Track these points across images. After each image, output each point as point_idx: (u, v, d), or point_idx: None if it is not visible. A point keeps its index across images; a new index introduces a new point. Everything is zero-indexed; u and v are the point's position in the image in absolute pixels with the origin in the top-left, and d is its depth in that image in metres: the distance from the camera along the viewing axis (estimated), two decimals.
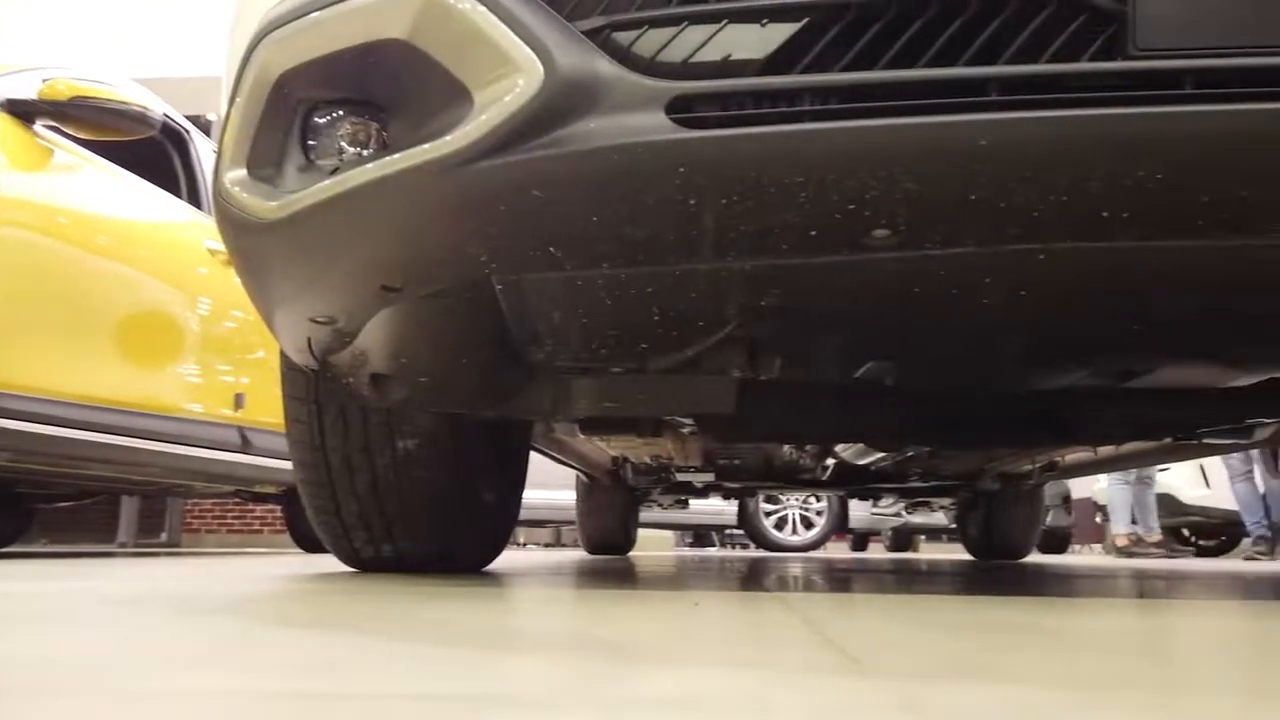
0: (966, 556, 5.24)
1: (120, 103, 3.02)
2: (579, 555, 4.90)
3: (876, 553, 11.04)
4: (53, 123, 2.96)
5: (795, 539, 9.00)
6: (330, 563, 2.45)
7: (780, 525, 9.07)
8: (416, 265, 1.16)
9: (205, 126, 4.77)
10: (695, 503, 7.25)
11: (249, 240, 1.24)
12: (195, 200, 3.84)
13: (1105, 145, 0.92)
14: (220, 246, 2.70)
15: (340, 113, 1.16)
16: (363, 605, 1.16)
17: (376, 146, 1.14)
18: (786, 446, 2.88)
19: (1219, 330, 1.34)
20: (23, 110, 2.89)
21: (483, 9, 1.01)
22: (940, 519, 9.94)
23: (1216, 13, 0.92)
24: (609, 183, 1.00)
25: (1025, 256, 1.06)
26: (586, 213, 1.03)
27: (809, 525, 9.13)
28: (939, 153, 0.94)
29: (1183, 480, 7.72)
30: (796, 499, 8.98)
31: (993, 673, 0.66)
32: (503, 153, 1.00)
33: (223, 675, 0.62)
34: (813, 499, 9.04)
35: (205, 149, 3.99)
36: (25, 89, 2.90)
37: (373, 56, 1.08)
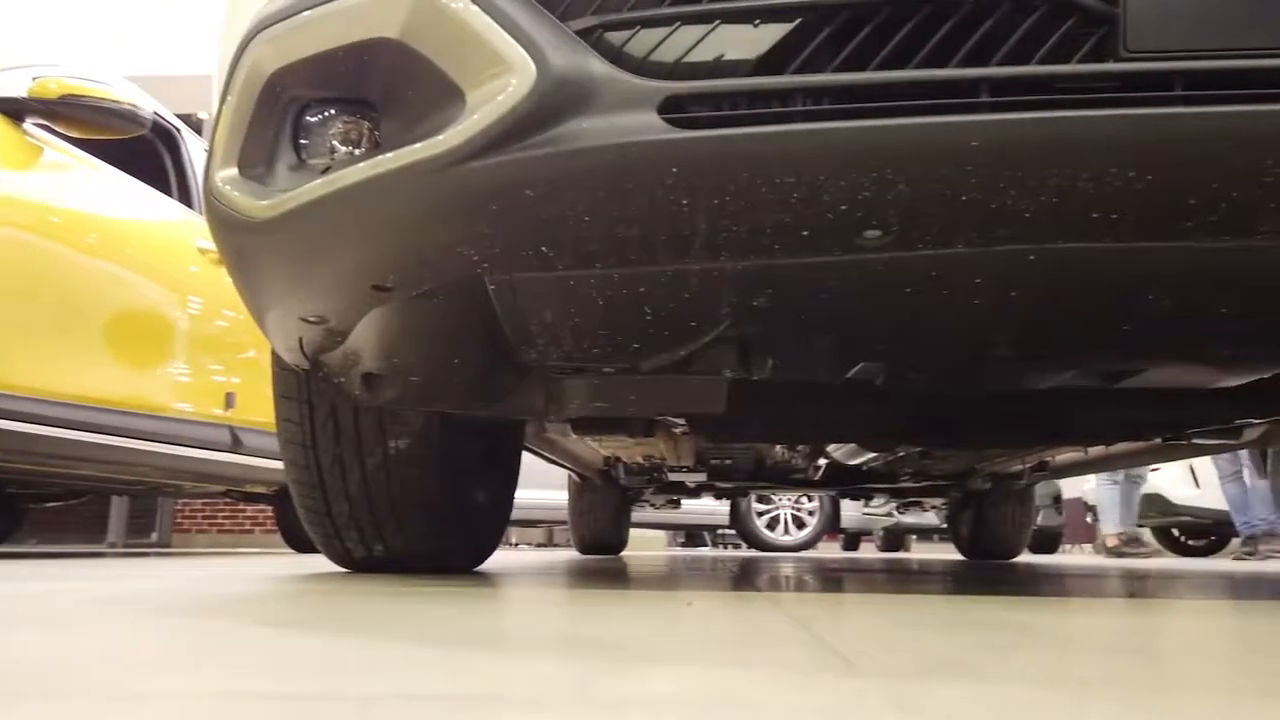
0: (958, 556, 5.25)
1: (110, 101, 3.00)
2: (571, 555, 4.90)
3: (868, 552, 11.06)
4: (42, 121, 2.95)
5: (787, 539, 9.01)
6: (321, 563, 2.44)
7: (772, 525, 9.08)
8: (408, 265, 1.16)
9: (196, 125, 4.75)
10: (687, 503, 7.25)
11: (240, 239, 1.24)
12: (186, 199, 3.83)
13: (1095, 146, 0.93)
14: (211, 245, 2.69)
15: (332, 111, 1.16)
16: (353, 605, 1.16)
17: (368, 146, 1.14)
18: (778, 446, 2.88)
19: (1207, 331, 1.34)
20: (12, 108, 2.87)
21: (475, 8, 1.01)
22: (932, 519, 9.97)
23: (1207, 15, 0.92)
24: (601, 182, 1.00)
25: (1015, 257, 1.06)
26: (579, 212, 1.03)
27: (801, 525, 9.15)
28: (930, 154, 0.94)
29: (1172, 480, 7.76)
30: (788, 499, 9.00)
31: (984, 672, 0.67)
32: (495, 152, 1.00)
33: (211, 676, 0.62)
34: (804, 499, 9.05)
35: (196, 147, 3.98)
36: (14, 87, 2.89)
37: (365, 55, 1.08)
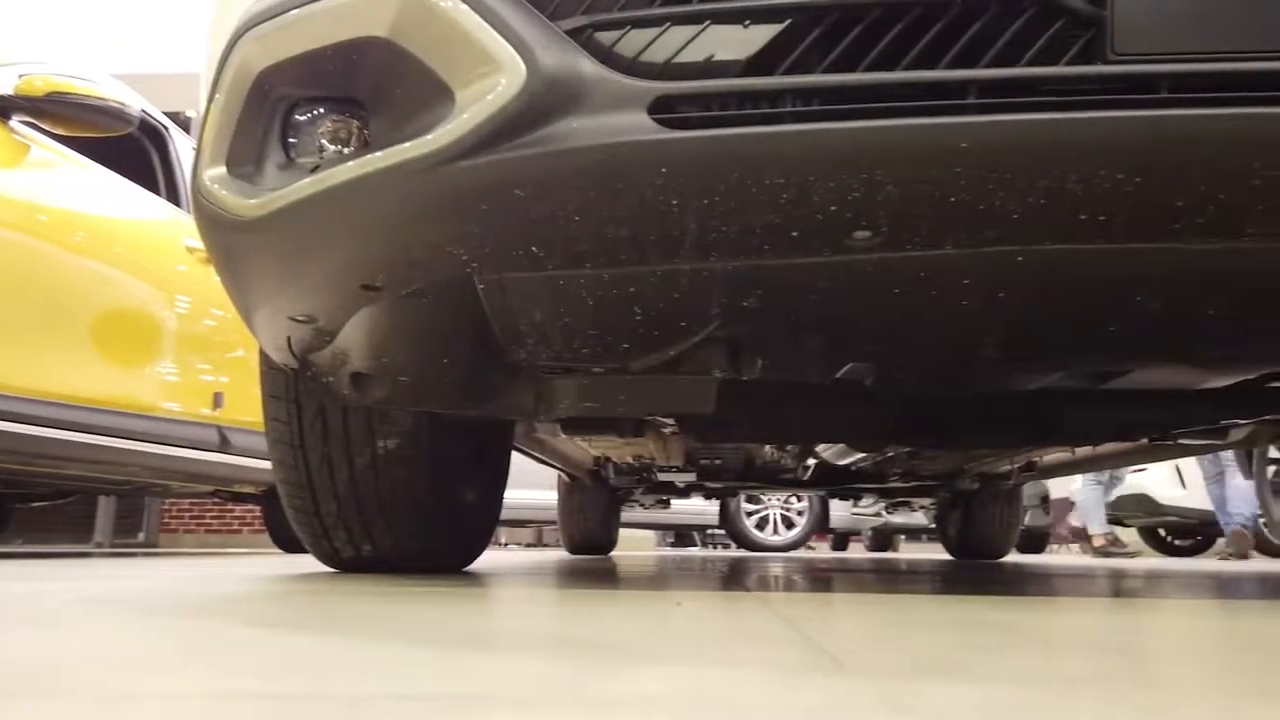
0: (946, 556, 5.27)
1: (98, 99, 2.99)
2: (560, 555, 4.90)
3: (857, 552, 11.08)
4: (29, 118, 2.93)
5: (776, 539, 9.02)
6: (309, 563, 2.44)
7: (761, 525, 9.09)
8: (397, 264, 1.16)
9: (185, 123, 4.73)
10: (677, 503, 7.25)
11: (228, 238, 1.23)
12: (174, 198, 3.81)
13: (1083, 148, 0.93)
14: (199, 244, 2.67)
15: (321, 110, 1.15)
16: (342, 605, 1.16)
17: (358, 145, 1.13)
18: (768, 447, 2.88)
19: (1195, 332, 1.35)
20: None
21: (464, 7, 1.01)
22: (920, 519, 10.00)
23: (1194, 18, 0.93)
24: (591, 182, 1.00)
25: (1004, 258, 1.07)
26: (569, 212, 1.03)
27: (790, 525, 9.16)
28: (919, 155, 0.94)
29: (1158, 481, 7.80)
30: (778, 499, 9.01)
31: (972, 671, 0.67)
32: (485, 152, 1.00)
33: (200, 676, 0.62)
34: (794, 499, 9.07)
35: (184, 146, 3.96)
36: (1, 84, 2.87)
37: (354, 54, 1.08)
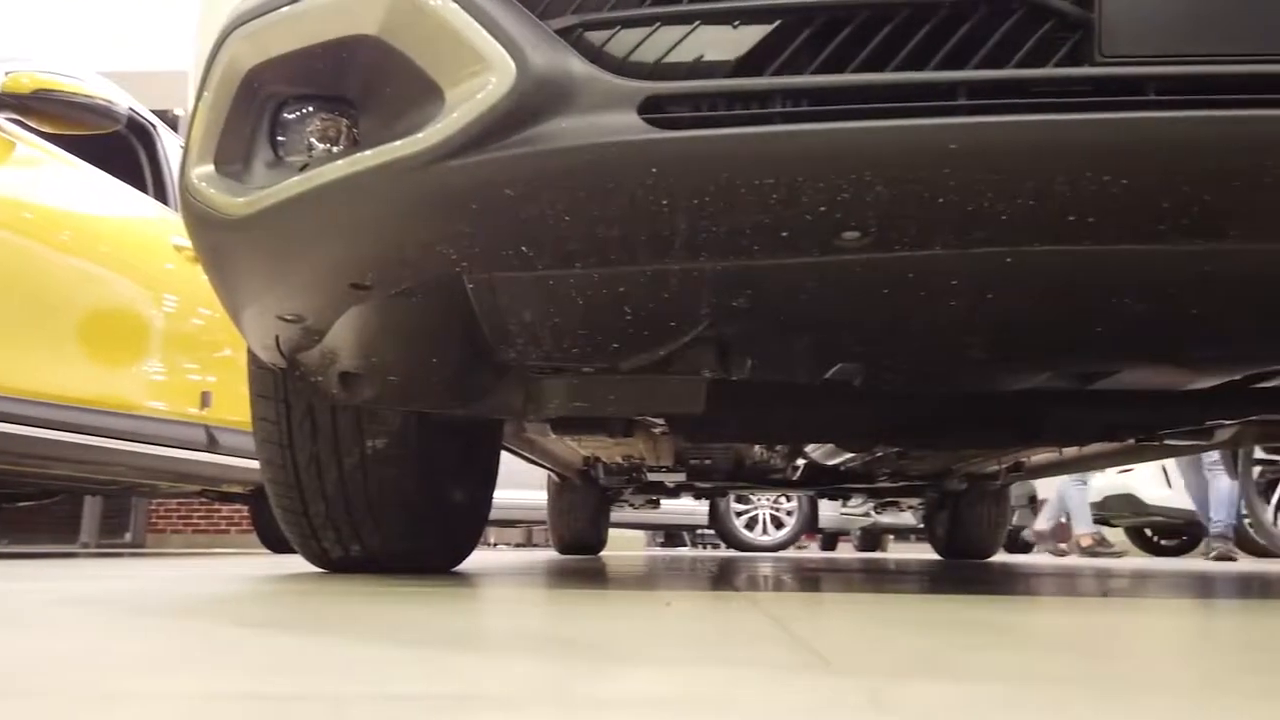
0: (934, 556, 5.28)
1: (85, 96, 2.97)
2: (550, 555, 4.89)
3: (846, 552, 11.11)
4: (15, 116, 2.91)
5: (766, 539, 9.04)
6: (298, 563, 2.43)
7: (751, 525, 9.10)
8: (386, 263, 1.15)
9: (172, 121, 4.71)
10: (666, 503, 7.26)
11: (216, 237, 1.23)
12: (161, 196, 3.79)
13: (1070, 150, 0.94)
14: (187, 243, 2.66)
15: (310, 108, 1.15)
16: (329, 606, 1.15)
17: (347, 143, 1.13)
18: (757, 447, 2.89)
19: (1180, 333, 1.36)
20: None
21: (454, 6, 1.01)
22: (908, 519, 10.03)
23: (1181, 21, 0.94)
24: (581, 182, 1.00)
25: (992, 259, 1.07)
26: (558, 212, 1.03)
27: (779, 525, 9.17)
28: (908, 156, 0.95)
29: (1144, 481, 7.84)
30: (767, 499, 9.02)
31: (960, 670, 0.67)
32: (474, 151, 1.00)
33: (186, 677, 0.61)
34: (783, 499, 9.08)
35: (172, 144, 3.94)
36: None
37: (343, 52, 1.07)
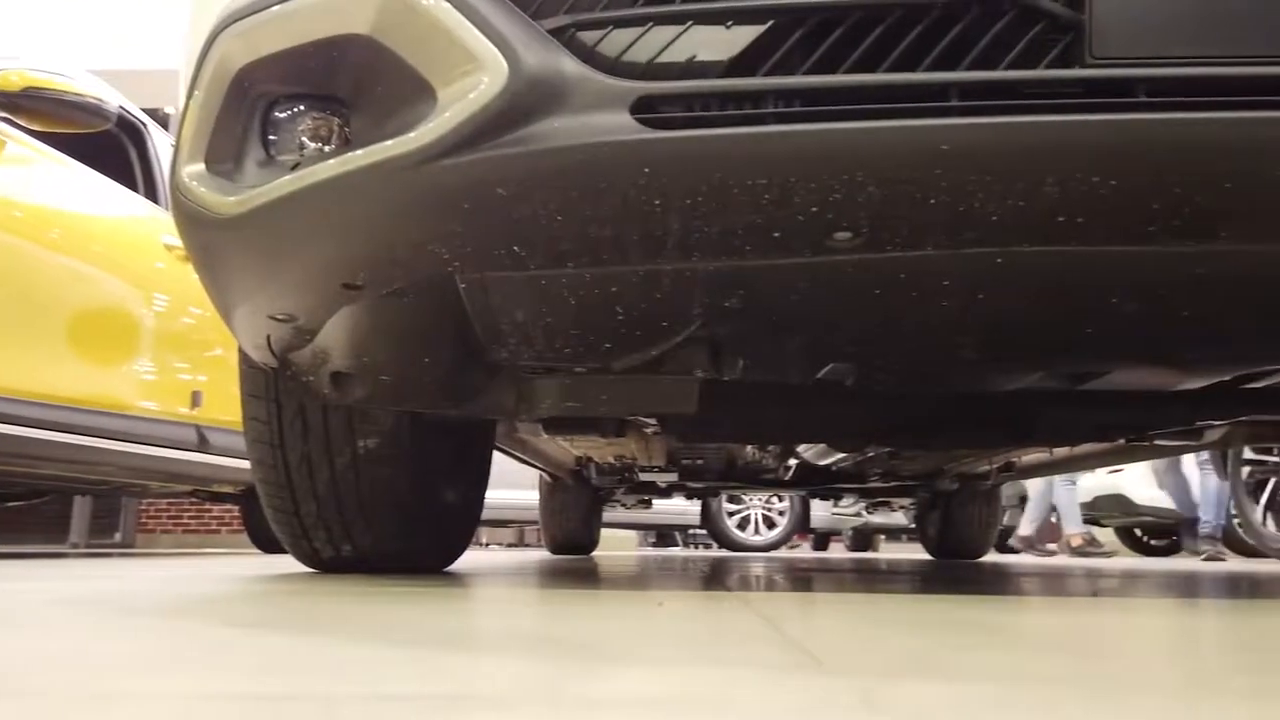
0: (925, 556, 5.29)
1: (75, 94, 2.95)
2: (542, 555, 4.89)
3: (837, 552, 11.13)
4: (4, 114, 2.89)
5: (758, 539, 9.05)
6: (289, 563, 2.42)
7: (743, 525, 9.11)
8: (378, 263, 1.15)
9: (163, 120, 4.69)
10: (658, 503, 7.25)
11: (207, 236, 1.22)
12: (152, 195, 3.77)
13: (1060, 151, 0.94)
14: (177, 242, 2.65)
15: (301, 107, 1.15)
16: (321, 606, 1.15)
17: (338, 142, 1.13)
18: (749, 447, 2.89)
19: (1170, 334, 1.36)
20: None
21: (447, 5, 1.01)
22: (900, 519, 10.04)
23: (1171, 23, 0.94)
24: (573, 182, 1.00)
25: (983, 260, 1.07)
26: (551, 212, 1.03)
27: (771, 525, 9.18)
28: (900, 156, 0.95)
29: (1134, 481, 7.87)
30: (759, 499, 9.03)
31: (951, 670, 0.67)
32: (467, 150, 0.99)
33: (178, 677, 0.61)
34: (775, 499, 9.09)
35: (162, 143, 3.92)
36: None
37: (335, 51, 1.07)
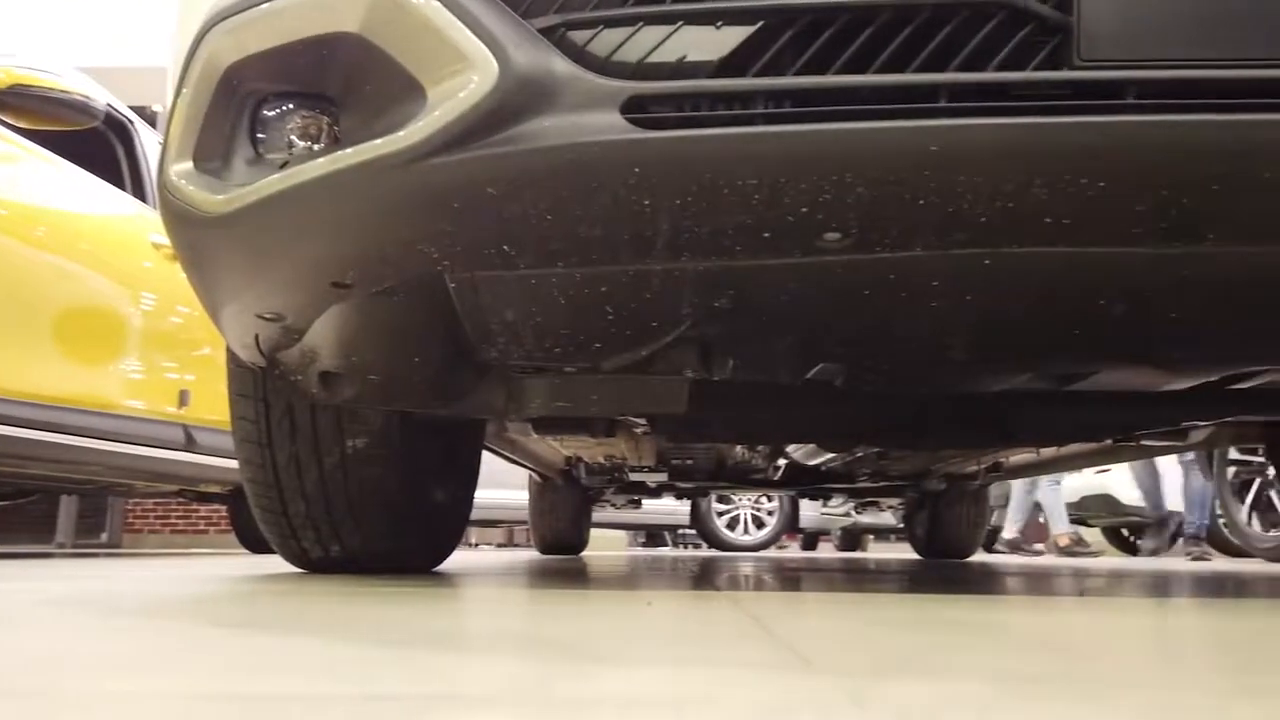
0: (914, 555, 5.31)
1: (62, 92, 2.94)
2: (532, 555, 4.88)
3: (826, 552, 11.15)
4: None
5: (747, 539, 9.05)
6: (277, 563, 2.41)
7: (732, 525, 9.11)
8: (367, 262, 1.15)
9: (151, 118, 4.67)
10: (648, 503, 7.25)
11: (195, 234, 1.22)
12: (139, 193, 3.75)
13: (1049, 152, 0.94)
14: (165, 240, 2.64)
15: (290, 106, 1.14)
16: (309, 606, 1.15)
17: (328, 141, 1.12)
18: (739, 447, 2.89)
19: (1157, 334, 1.37)
20: None
21: (437, 4, 1.00)
22: (888, 519, 10.06)
23: (1159, 26, 0.95)
24: (563, 182, 1.00)
25: (971, 261, 1.08)
26: (541, 211, 1.03)
27: (760, 525, 9.19)
28: (889, 157, 0.95)
29: (1121, 481, 7.90)
30: (748, 499, 9.04)
31: (939, 669, 0.67)
32: (456, 149, 0.99)
33: (164, 677, 0.61)
34: (764, 499, 9.10)
35: (150, 141, 3.90)
36: None
37: (324, 50, 1.07)
